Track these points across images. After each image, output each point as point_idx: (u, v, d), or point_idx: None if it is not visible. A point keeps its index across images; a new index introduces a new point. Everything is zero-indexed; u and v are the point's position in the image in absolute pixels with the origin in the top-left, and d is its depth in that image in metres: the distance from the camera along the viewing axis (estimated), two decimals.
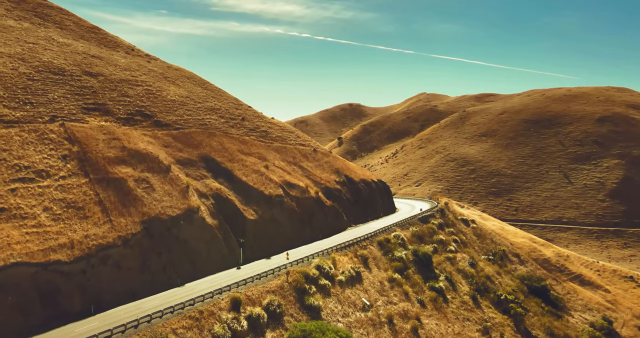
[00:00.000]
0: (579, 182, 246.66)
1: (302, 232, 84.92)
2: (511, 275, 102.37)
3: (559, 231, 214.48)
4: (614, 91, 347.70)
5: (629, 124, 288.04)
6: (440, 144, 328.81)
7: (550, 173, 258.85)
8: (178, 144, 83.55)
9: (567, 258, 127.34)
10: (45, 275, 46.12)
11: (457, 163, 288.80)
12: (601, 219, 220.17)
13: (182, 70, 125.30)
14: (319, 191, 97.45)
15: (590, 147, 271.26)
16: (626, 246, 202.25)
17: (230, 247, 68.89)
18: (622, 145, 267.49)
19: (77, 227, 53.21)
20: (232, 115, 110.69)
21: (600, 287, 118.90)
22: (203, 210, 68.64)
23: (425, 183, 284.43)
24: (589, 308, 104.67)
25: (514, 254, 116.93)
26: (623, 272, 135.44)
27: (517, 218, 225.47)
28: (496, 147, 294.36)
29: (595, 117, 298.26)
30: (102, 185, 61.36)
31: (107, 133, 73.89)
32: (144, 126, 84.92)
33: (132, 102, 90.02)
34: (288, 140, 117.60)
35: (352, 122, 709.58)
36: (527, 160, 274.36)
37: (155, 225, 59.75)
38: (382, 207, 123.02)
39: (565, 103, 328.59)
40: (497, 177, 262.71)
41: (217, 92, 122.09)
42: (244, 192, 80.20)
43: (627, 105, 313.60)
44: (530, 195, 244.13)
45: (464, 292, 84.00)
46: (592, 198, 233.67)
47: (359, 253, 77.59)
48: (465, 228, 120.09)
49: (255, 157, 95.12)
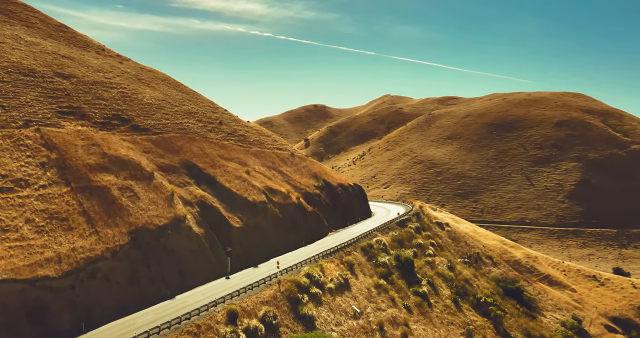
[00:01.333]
0: (540, 184, 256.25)
1: (286, 238, 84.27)
2: (487, 278, 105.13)
3: (523, 232, 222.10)
4: (570, 96, 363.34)
5: (584, 128, 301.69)
6: (407, 146, 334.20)
7: (512, 175, 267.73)
8: (158, 149, 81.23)
9: (536, 260, 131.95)
10: (32, 292, 43.77)
11: (424, 165, 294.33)
12: (561, 220, 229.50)
13: (156, 72, 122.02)
14: (300, 196, 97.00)
15: (549, 150, 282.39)
16: (585, 246, 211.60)
17: (218, 256, 67.53)
18: (579, 149, 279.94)
19: (62, 240, 50.80)
20: (209, 119, 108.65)
21: (567, 286, 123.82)
22: (189, 219, 67.00)
23: (393, 186, 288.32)
24: (558, 308, 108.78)
25: (487, 256, 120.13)
26: (586, 271, 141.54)
27: (483, 219, 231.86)
28: (461, 150, 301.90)
29: (553, 121, 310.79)
30: (84, 194, 58.86)
31: (85, 138, 71.00)
32: (121, 131, 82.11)
33: (108, 106, 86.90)
34: (266, 144, 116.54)
35: (318, 123, 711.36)
36: (491, 162, 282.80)
37: (143, 235, 57.83)
38: (359, 211, 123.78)
39: (526, 107, 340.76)
40: (463, 179, 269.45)
41: (192, 94, 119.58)
42: (227, 198, 78.82)
43: (583, 110, 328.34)
44: (494, 196, 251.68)
45: (446, 295, 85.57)
46: (553, 199, 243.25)
47: (344, 259, 77.66)
48: (441, 231, 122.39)
49: (235, 162, 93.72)
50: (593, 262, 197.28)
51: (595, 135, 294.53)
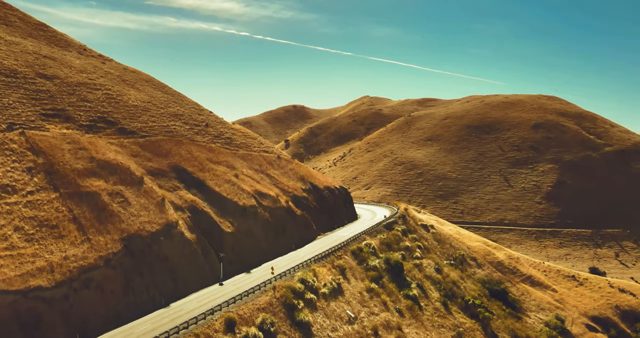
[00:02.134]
0: (518, 185, 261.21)
1: (276, 243, 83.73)
2: (473, 279, 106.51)
3: (502, 232, 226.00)
4: (545, 99, 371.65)
5: (560, 130, 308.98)
6: (387, 148, 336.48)
7: (491, 176, 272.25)
8: (146, 153, 79.71)
9: (518, 260, 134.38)
10: (25, 304, 42.32)
11: (405, 167, 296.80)
12: (539, 220, 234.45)
13: (140, 73, 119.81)
14: (288, 200, 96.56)
15: (527, 152, 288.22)
16: (562, 246, 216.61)
17: (210, 262, 66.61)
18: (555, 151, 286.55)
19: (53, 248, 49.30)
20: (195, 122, 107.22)
21: (548, 287, 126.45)
22: (181, 225, 65.90)
23: (374, 187, 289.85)
24: (541, 308, 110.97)
25: (471, 258, 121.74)
26: (565, 271, 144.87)
27: (463, 220, 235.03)
28: (441, 152, 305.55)
29: (530, 123, 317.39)
30: (74, 200, 57.27)
31: (71, 142, 69.16)
32: (108, 134, 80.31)
33: (93, 108, 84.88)
34: (252, 147, 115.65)
35: (297, 124, 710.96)
36: (470, 164, 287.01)
37: (136, 242, 56.58)
38: (345, 214, 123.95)
39: (503, 110, 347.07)
40: (443, 181, 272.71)
41: (177, 96, 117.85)
42: (218, 203, 77.86)
43: (558, 113, 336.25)
44: (474, 198, 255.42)
45: (435, 298, 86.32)
46: (530, 200, 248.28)
47: (336, 263, 77.55)
48: (426, 233, 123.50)
49: (224, 165, 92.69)
50: (570, 261, 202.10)
51: (570, 138, 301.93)
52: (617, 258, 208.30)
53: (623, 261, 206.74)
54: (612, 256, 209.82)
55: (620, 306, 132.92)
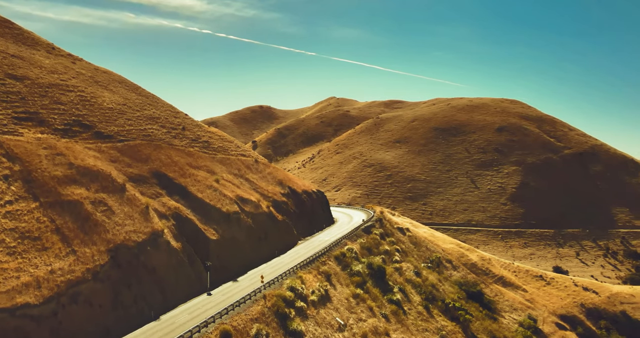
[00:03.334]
0: (484, 187, 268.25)
1: (259, 249, 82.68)
2: (450, 282, 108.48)
3: (470, 233, 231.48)
4: (508, 103, 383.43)
5: (523, 133, 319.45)
6: (357, 150, 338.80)
7: (459, 178, 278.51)
8: (125, 158, 77.12)
9: (489, 262, 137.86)
10: (12, 322, 40.04)
11: (375, 168, 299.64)
12: (504, 221, 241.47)
13: (111, 74, 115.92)
14: (269, 205, 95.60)
15: (492, 155, 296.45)
16: (526, 245, 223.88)
17: (197, 271, 65.05)
18: (519, 153, 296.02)
19: (37, 262, 46.91)
20: (172, 125, 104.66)
21: (519, 287, 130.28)
22: (166, 233, 64.05)
23: (344, 189, 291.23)
24: (514, 308, 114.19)
25: (447, 260, 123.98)
26: (533, 271, 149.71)
27: (432, 221, 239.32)
28: (410, 153, 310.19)
29: (494, 126, 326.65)
30: (55, 209, 54.71)
31: (48, 147, 66.12)
32: (84, 138, 77.26)
33: (68, 111, 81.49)
34: (230, 150, 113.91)
35: (263, 125, 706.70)
36: (438, 166, 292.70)
37: (122, 253, 54.57)
38: (323, 218, 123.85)
39: (468, 113, 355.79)
40: (412, 182, 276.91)
41: (152, 98, 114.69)
42: (201, 210, 76.17)
43: (520, 117, 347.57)
44: (442, 199, 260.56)
45: (417, 302, 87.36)
46: (496, 202, 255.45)
47: (321, 269, 77.28)
48: (402, 237, 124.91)
49: (204, 170, 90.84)
50: (534, 261, 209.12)
51: (532, 141, 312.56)
52: (578, 257, 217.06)
53: (583, 260, 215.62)
54: (573, 255, 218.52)
55: (585, 304, 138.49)
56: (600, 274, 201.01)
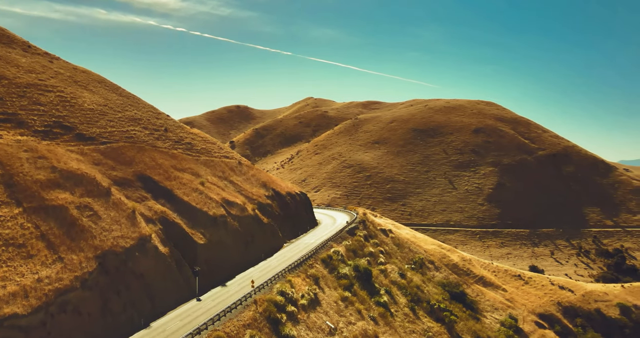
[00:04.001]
0: (461, 188, 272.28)
1: (246, 253, 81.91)
2: (433, 283, 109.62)
3: (448, 233, 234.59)
4: (484, 105, 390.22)
5: (498, 135, 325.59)
6: (336, 150, 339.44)
7: (437, 179, 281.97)
8: (109, 161, 75.30)
9: (470, 262, 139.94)
10: (0, 333, 38.54)
11: (354, 169, 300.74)
12: (481, 221, 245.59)
13: (90, 73, 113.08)
14: (255, 208, 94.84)
15: (469, 156, 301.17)
16: (503, 245, 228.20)
17: (185, 276, 63.97)
18: (495, 154, 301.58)
19: (23, 270, 45.32)
20: (154, 126, 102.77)
21: (499, 287, 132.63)
22: (154, 238, 62.77)
23: (324, 190, 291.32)
24: (495, 308, 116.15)
25: (429, 261, 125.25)
26: (512, 271, 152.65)
27: (412, 222, 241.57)
28: (389, 154, 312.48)
29: (471, 128, 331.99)
30: (40, 215, 52.97)
31: (29, 150, 64.04)
32: (65, 140, 75.14)
33: (48, 112, 79.13)
34: (213, 152, 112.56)
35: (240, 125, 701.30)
36: (417, 167, 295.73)
37: (110, 259, 53.21)
38: (307, 220, 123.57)
39: (446, 114, 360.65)
40: (392, 183, 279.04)
41: (133, 99, 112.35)
42: (188, 213, 74.96)
43: (496, 118, 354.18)
44: (421, 200, 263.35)
45: (403, 304, 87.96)
46: (473, 202, 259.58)
47: (309, 273, 77.02)
48: (385, 238, 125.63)
49: (189, 173, 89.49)
50: (511, 260, 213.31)
51: (507, 142, 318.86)
52: (552, 256, 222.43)
53: (557, 259, 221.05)
54: (548, 254, 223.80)
55: (562, 303, 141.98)
56: (574, 273, 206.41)
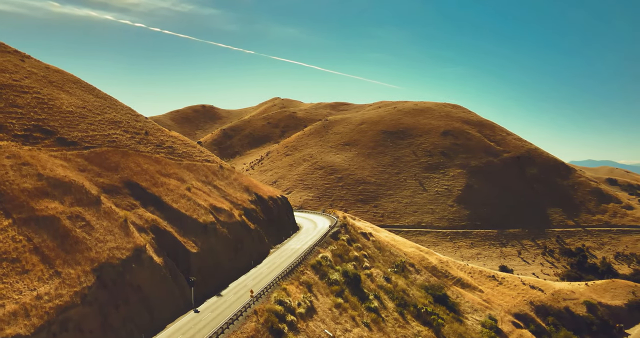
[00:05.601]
0: (432, 189, 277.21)
1: (236, 260, 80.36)
2: (417, 286, 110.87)
3: (420, 235, 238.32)
4: (451, 107, 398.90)
5: (466, 137, 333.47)
6: (306, 152, 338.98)
7: (407, 181, 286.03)
8: (94, 167, 72.23)
9: (447, 264, 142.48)
10: None
11: (325, 171, 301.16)
12: (452, 223, 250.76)
13: (64, 73, 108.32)
14: (242, 214, 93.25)
15: (438, 158, 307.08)
16: (473, 246, 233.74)
17: (180, 286, 62.06)
18: (463, 157, 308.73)
19: (20, 286, 42.74)
20: (135, 129, 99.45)
21: (476, 288, 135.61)
22: (148, 248, 60.61)
23: (295, 191, 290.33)
24: (475, 309, 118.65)
25: (410, 264, 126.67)
26: (486, 272, 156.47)
27: (384, 224, 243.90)
28: (359, 156, 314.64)
29: (440, 130, 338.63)
30: (31, 226, 50.14)
31: (11, 156, 60.59)
32: (47, 145, 71.61)
33: (26, 115, 75.21)
34: (194, 156, 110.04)
35: (206, 125, 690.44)
36: (388, 168, 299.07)
37: (108, 272, 50.94)
38: (288, 225, 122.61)
39: (414, 117, 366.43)
40: (363, 185, 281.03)
41: (110, 100, 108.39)
42: (178, 221, 72.82)
43: (462, 121, 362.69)
44: (393, 201, 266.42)
45: (392, 308, 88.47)
46: (443, 204, 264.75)
47: (301, 280, 76.36)
48: (367, 242, 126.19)
49: (174, 178, 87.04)
50: (481, 260, 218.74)
51: (474, 144, 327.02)
52: (520, 256, 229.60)
53: (524, 258, 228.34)
54: (515, 254, 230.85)
55: (534, 302, 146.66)
56: (541, 272, 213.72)
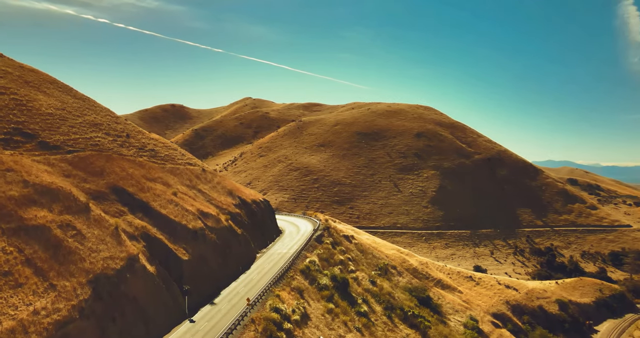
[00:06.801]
0: (406, 191, 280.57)
1: (225, 266, 79.08)
2: (401, 289, 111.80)
3: (396, 236, 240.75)
4: (423, 109, 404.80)
5: (438, 139, 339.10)
6: (281, 153, 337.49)
7: (382, 182, 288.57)
8: (79, 172, 69.70)
9: (427, 265, 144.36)
10: None
11: (300, 172, 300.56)
12: (426, 223, 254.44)
13: (40, 73, 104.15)
14: (228, 218, 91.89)
15: (412, 159, 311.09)
16: (447, 246, 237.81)
17: (173, 296, 60.55)
18: (436, 158, 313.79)
19: (15, 301, 40.72)
20: (116, 132, 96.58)
21: (455, 289, 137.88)
22: (141, 257, 58.87)
23: (270, 193, 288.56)
24: (456, 310, 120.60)
25: (392, 267, 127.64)
26: (464, 272, 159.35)
27: (360, 225, 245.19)
28: (334, 157, 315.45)
29: (413, 132, 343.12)
30: (21, 237, 47.88)
31: None
32: (29, 149, 68.68)
33: (5, 117, 71.96)
34: (176, 159, 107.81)
35: (177, 125, 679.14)
36: (362, 170, 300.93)
37: (103, 283, 49.15)
38: (272, 229, 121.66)
39: (388, 118, 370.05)
40: (339, 186, 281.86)
41: (88, 101, 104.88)
42: (167, 227, 71.06)
43: (435, 123, 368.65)
44: (368, 203, 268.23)
45: (380, 312, 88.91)
46: (418, 205, 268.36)
47: (292, 285, 75.82)
48: (349, 244, 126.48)
49: (160, 183, 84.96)
50: (456, 260, 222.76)
51: (447, 146, 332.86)
52: (492, 255, 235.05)
53: (497, 258, 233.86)
54: (488, 254, 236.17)
55: (510, 301, 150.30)
56: (513, 271, 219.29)
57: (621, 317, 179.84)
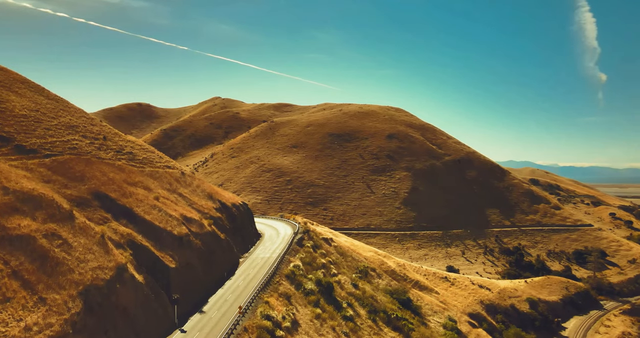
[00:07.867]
0: (379, 192, 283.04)
1: (211, 273, 77.61)
2: (382, 291, 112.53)
3: (369, 237, 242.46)
4: (394, 111, 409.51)
5: (410, 141, 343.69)
6: (253, 154, 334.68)
7: (355, 183, 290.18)
8: (59, 177, 67.00)
9: (404, 267, 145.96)
10: None
11: (274, 174, 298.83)
12: (399, 224, 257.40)
13: (9, 72, 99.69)
14: (211, 223, 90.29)
15: (384, 161, 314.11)
16: (420, 247, 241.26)
17: (163, 305, 58.93)
18: (408, 160, 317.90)
19: (5, 317, 38.67)
20: (93, 134, 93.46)
21: (432, 290, 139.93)
22: (129, 266, 57.02)
23: (243, 194, 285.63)
24: (434, 311, 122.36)
25: (371, 269, 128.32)
26: (439, 273, 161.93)
27: (334, 226, 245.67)
28: (307, 159, 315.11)
29: (385, 133, 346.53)
30: (5, 248, 45.55)
31: None
32: (5, 154, 65.68)
33: None
34: (155, 162, 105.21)
35: (143, 124, 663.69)
36: (335, 171, 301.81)
37: (93, 295, 47.32)
38: (252, 233, 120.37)
39: (360, 119, 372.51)
40: (312, 188, 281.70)
41: (62, 102, 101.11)
42: (152, 234, 69.14)
43: (406, 125, 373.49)
44: (342, 204, 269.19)
45: (364, 315, 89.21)
46: (391, 206, 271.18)
47: (280, 291, 75.19)
48: (329, 247, 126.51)
49: (141, 187, 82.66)
50: (429, 261, 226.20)
51: (418, 148, 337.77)
52: (464, 255, 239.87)
53: (468, 258, 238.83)
54: (460, 254, 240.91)
55: (484, 301, 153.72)
56: (483, 270, 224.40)
57: (586, 314, 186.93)
